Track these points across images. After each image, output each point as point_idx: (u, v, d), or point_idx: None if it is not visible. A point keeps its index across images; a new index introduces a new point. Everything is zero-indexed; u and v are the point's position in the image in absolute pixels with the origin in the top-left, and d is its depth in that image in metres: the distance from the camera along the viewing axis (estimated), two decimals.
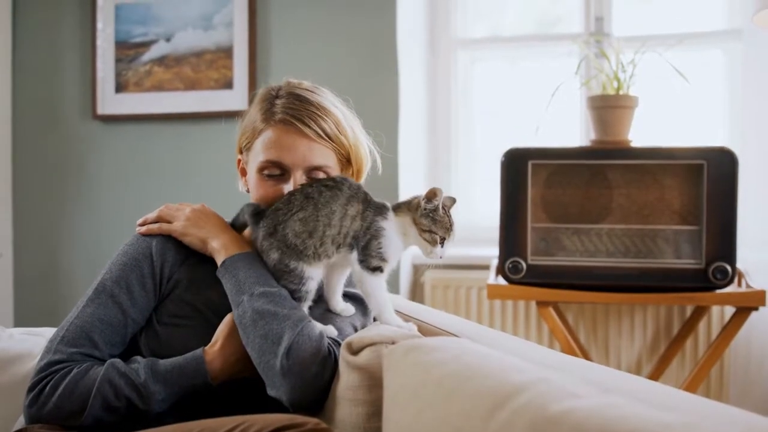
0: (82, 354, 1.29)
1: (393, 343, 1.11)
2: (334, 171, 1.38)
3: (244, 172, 1.45)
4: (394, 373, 1.00)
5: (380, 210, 1.30)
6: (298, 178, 1.34)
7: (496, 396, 0.78)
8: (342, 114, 1.40)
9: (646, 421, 0.64)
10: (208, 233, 1.37)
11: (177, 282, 1.37)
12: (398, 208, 1.32)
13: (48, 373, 1.27)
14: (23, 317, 3.03)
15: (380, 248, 1.26)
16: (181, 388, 1.25)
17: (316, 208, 1.26)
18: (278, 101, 1.36)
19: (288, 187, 1.34)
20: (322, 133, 1.34)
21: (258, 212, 1.33)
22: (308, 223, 1.26)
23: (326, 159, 1.36)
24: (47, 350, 1.31)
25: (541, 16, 3.20)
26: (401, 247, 1.31)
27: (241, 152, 1.44)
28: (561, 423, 0.68)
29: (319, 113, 1.35)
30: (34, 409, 1.27)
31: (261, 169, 1.35)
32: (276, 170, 1.34)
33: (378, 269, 1.26)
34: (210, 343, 1.28)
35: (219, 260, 1.33)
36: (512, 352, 1.03)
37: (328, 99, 1.40)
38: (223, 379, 1.27)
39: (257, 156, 1.36)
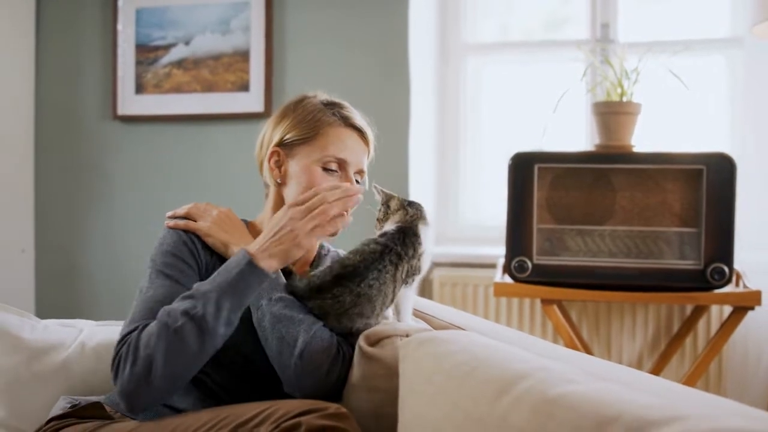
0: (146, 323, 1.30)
1: (407, 335, 1.20)
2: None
3: (279, 164, 1.50)
4: (409, 363, 1.10)
5: (422, 236, 1.38)
6: (351, 174, 1.47)
7: (502, 382, 0.87)
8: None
9: (632, 403, 0.73)
10: (231, 238, 1.44)
11: (211, 268, 1.44)
12: (426, 222, 1.40)
13: (121, 344, 1.29)
14: (44, 311, 3.12)
15: (421, 267, 1.37)
16: (231, 282, 1.27)
17: (370, 300, 1.31)
18: (347, 111, 1.50)
19: (341, 181, 1.45)
20: (370, 144, 1.52)
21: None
22: (364, 312, 1.32)
23: (366, 164, 1.52)
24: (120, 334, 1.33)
25: (549, 19, 3.27)
26: None
27: (279, 145, 1.49)
28: (559, 404, 0.77)
29: (367, 123, 1.53)
30: (119, 387, 1.26)
31: (325, 162, 1.45)
32: (336, 166, 1.46)
33: (411, 281, 1.36)
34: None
35: None
36: (516, 344, 1.12)
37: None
38: (268, 259, 1.31)
39: (322, 149, 1.45)
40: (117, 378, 1.26)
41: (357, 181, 1.50)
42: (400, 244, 1.33)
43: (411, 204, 1.41)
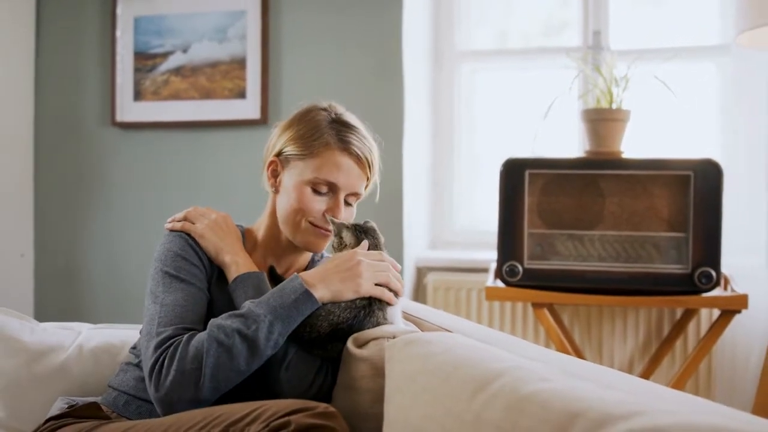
0: (183, 328, 1.33)
1: (394, 337, 1.24)
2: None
3: (275, 173, 1.53)
4: (394, 363, 1.14)
5: None
6: (342, 198, 1.48)
7: (479, 381, 0.91)
8: (377, 149, 1.55)
9: (598, 399, 0.77)
10: (225, 245, 1.47)
11: (212, 272, 1.47)
12: (383, 248, 1.49)
13: (162, 350, 1.29)
14: (43, 314, 3.16)
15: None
16: (286, 308, 1.29)
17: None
18: (350, 135, 1.49)
19: (331, 204, 1.47)
20: (371, 169, 1.52)
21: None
22: None
23: (362, 188, 1.52)
24: (148, 339, 1.33)
25: (547, 23, 3.31)
26: None
27: (278, 156, 1.52)
28: (530, 401, 0.81)
29: (372, 149, 1.52)
30: (160, 392, 1.27)
31: (315, 184, 1.47)
32: (326, 188, 1.47)
33: (395, 302, 1.41)
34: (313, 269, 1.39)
35: (230, 275, 1.43)
36: (500, 345, 1.16)
37: (368, 133, 1.55)
38: (325, 292, 1.33)
39: (314, 171, 1.46)
40: (158, 384, 1.27)
41: (349, 203, 1.52)
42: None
43: (365, 232, 1.45)
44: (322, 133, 1.48)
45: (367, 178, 1.53)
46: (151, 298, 1.40)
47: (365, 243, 1.42)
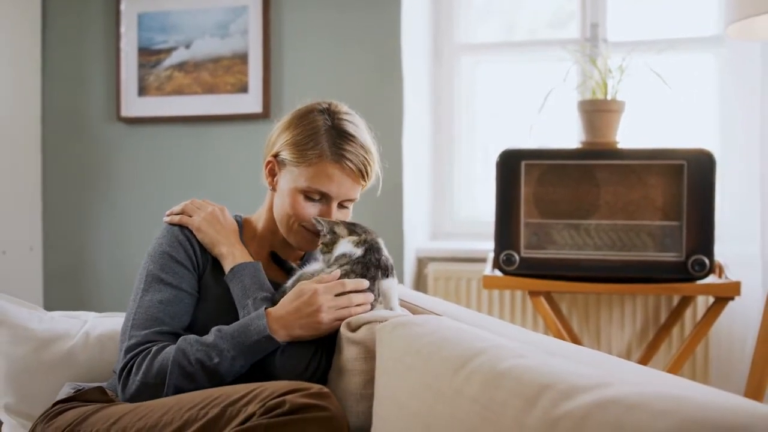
0: (154, 332, 1.41)
1: (385, 321, 1.29)
2: None
3: (272, 173, 1.57)
4: (384, 346, 1.19)
5: (382, 247, 1.51)
6: (334, 206, 1.52)
7: (460, 359, 0.96)
8: (375, 153, 1.56)
9: (568, 373, 0.82)
10: (220, 238, 1.52)
11: (205, 264, 1.53)
12: (376, 236, 1.52)
13: (129, 357, 1.39)
14: (51, 306, 3.22)
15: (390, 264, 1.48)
16: (248, 347, 1.34)
17: None
18: (344, 146, 1.49)
19: (324, 211, 1.51)
20: (366, 177, 1.53)
21: None
22: None
23: (357, 193, 1.56)
24: (121, 341, 1.44)
25: (550, 17, 3.35)
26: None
27: (275, 156, 1.55)
28: (505, 376, 0.86)
29: (368, 158, 1.52)
30: (126, 396, 1.38)
31: (308, 192, 1.50)
32: (318, 196, 1.50)
33: (387, 275, 1.45)
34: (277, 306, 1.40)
35: (226, 266, 1.49)
36: (484, 327, 1.21)
37: (368, 136, 1.55)
38: (286, 338, 1.36)
39: (307, 180, 1.49)
40: (124, 388, 1.38)
41: (344, 206, 1.55)
42: (374, 259, 1.43)
43: (355, 225, 1.48)
44: (317, 142, 1.49)
45: (363, 185, 1.55)
46: (133, 294, 1.48)
47: (337, 273, 1.42)
